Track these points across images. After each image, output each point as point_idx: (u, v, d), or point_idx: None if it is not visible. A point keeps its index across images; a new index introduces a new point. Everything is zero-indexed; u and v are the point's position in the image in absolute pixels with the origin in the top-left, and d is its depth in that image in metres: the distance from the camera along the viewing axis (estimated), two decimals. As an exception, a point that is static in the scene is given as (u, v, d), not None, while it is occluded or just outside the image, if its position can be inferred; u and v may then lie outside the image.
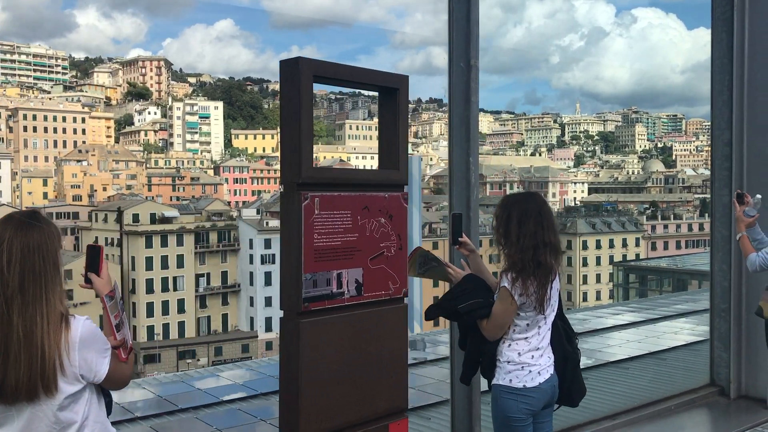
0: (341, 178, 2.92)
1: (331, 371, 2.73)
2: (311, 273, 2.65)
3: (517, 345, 3.11)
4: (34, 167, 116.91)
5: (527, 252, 3.01)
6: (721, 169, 5.74)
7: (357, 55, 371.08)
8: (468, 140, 4.14)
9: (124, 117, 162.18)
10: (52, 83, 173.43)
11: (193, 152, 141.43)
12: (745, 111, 5.53)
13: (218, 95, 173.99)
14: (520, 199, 3.15)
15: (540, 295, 3.03)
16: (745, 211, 4.53)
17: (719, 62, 5.69)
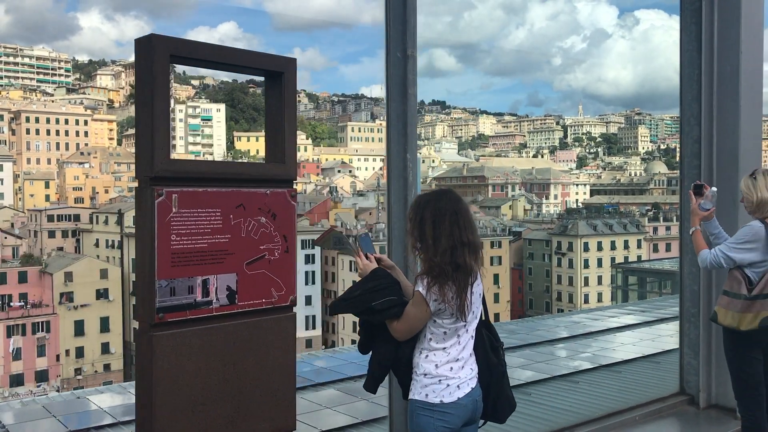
0: (208, 172, 2.56)
1: (196, 391, 2.41)
2: (167, 279, 2.33)
3: (434, 356, 2.86)
4: (37, 169, 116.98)
5: (444, 254, 2.78)
6: (690, 167, 5.40)
7: (360, 57, 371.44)
8: (405, 135, 3.86)
9: (126, 119, 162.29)
10: (55, 86, 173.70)
11: (195, 154, 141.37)
12: (714, 106, 5.17)
13: (220, 97, 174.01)
14: (433, 199, 2.89)
15: (460, 301, 2.78)
16: (701, 204, 4.29)
17: (688, 55, 5.35)
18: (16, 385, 61.46)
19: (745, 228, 4.08)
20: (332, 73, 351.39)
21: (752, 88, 5.05)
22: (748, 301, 4.01)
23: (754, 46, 5.14)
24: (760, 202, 4.04)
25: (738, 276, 4.06)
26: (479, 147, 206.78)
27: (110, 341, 67.42)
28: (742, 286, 4.03)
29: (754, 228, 4.04)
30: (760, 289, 4.00)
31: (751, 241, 4.02)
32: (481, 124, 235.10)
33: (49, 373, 63.90)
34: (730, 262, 4.08)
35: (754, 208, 4.08)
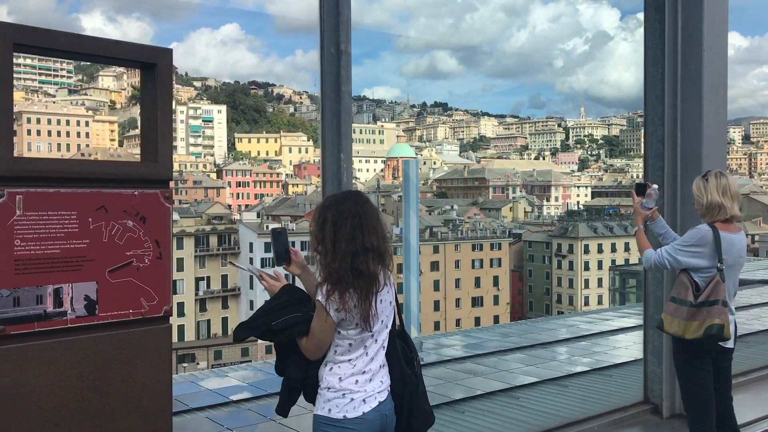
0: (62, 171, 2.35)
1: (49, 411, 2.22)
2: (11, 288, 2.13)
3: (339, 368, 2.69)
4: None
5: (345, 260, 2.60)
6: (654, 168, 5.16)
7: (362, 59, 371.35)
8: (339, 135, 3.65)
9: (128, 120, 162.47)
10: (57, 87, 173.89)
11: (196, 156, 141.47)
12: (678, 107, 4.96)
13: (222, 99, 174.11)
14: (336, 200, 2.72)
15: (364, 309, 2.61)
16: (643, 203, 4.14)
17: (652, 53, 5.12)
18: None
19: (693, 231, 3.90)
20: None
21: (716, 88, 4.83)
22: (693, 309, 3.83)
23: (718, 44, 4.92)
24: (710, 205, 3.87)
25: (685, 281, 3.88)
26: (481, 149, 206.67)
27: (108, 343, 67.48)
28: (689, 292, 3.85)
29: (701, 232, 3.85)
30: (707, 296, 3.81)
31: (697, 245, 3.84)
32: (483, 126, 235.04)
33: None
34: (676, 263, 3.91)
35: (704, 211, 3.92)
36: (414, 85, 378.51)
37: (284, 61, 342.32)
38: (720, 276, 3.81)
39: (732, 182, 3.91)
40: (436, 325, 72.98)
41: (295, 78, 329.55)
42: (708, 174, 3.92)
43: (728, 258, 3.86)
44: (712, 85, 4.85)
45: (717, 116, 4.90)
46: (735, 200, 3.89)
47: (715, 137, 4.89)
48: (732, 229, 3.91)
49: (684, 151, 4.91)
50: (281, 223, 79.34)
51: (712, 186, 3.85)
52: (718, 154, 4.89)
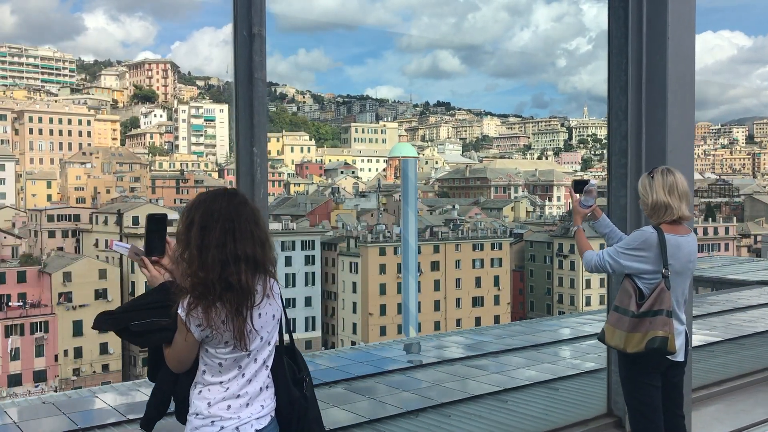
0: None
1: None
2: None
3: (208, 392, 2.37)
4: (39, 169, 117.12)
5: (212, 270, 2.27)
6: (618, 165, 4.81)
7: (365, 58, 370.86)
8: (252, 127, 3.34)
9: (130, 120, 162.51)
10: (60, 86, 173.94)
11: (198, 155, 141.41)
12: (643, 99, 4.55)
13: (224, 98, 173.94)
14: (206, 199, 2.38)
15: (236, 326, 2.29)
16: (581, 201, 3.84)
17: (616, 42, 4.74)
18: (14, 385, 61.45)
19: (636, 233, 3.57)
20: (337, 74, 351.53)
21: (682, 79, 4.46)
22: (635, 319, 3.49)
23: (684, 32, 4.55)
24: (656, 205, 3.56)
25: (629, 289, 3.55)
26: (483, 148, 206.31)
27: (109, 342, 67.26)
28: (631, 301, 3.51)
29: (645, 234, 3.52)
30: (650, 305, 3.46)
31: (640, 248, 3.50)
32: (486, 126, 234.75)
33: (48, 374, 63.85)
34: (618, 267, 3.57)
35: (650, 212, 3.60)
36: (417, 84, 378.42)
37: (287, 61, 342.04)
38: (665, 283, 3.47)
39: (680, 180, 3.58)
40: (437, 325, 72.84)
41: (298, 77, 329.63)
42: (654, 171, 3.62)
43: (675, 263, 3.52)
44: (677, 76, 4.47)
45: (683, 109, 4.53)
46: (683, 199, 3.55)
47: (681, 131, 4.51)
48: (680, 231, 3.57)
49: (649, 146, 4.54)
50: (282, 221, 79.29)
51: (658, 184, 3.54)
52: (685, 149, 4.52)
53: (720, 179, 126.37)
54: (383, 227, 74.80)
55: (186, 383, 2.42)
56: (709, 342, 9.43)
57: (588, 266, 3.72)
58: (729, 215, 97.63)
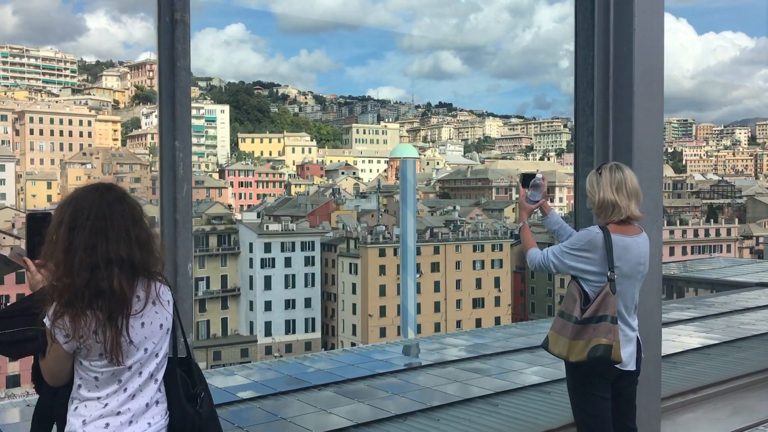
0: None
1: None
2: None
3: (84, 408, 2.13)
4: (40, 170, 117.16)
5: (79, 275, 2.03)
6: (584, 164, 4.50)
7: (367, 59, 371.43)
8: (174, 119, 3.07)
9: (131, 120, 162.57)
10: (61, 86, 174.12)
11: (198, 155, 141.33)
12: (611, 93, 4.22)
13: (225, 99, 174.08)
14: (78, 196, 2.15)
15: (109, 337, 2.04)
16: (528, 195, 3.62)
17: (583, 35, 4.44)
18: (12, 386, 61.32)
19: (582, 233, 3.34)
20: (339, 75, 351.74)
21: (649, 72, 4.15)
22: (578, 326, 3.24)
23: (652, 21, 4.25)
24: (603, 204, 3.33)
25: (574, 292, 3.32)
26: (485, 149, 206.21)
27: (107, 343, 67.33)
28: (576, 306, 3.28)
29: (590, 234, 3.29)
30: (594, 311, 3.22)
31: (585, 249, 3.27)
32: (488, 127, 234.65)
33: (46, 375, 63.76)
34: (562, 267, 3.33)
35: (597, 210, 3.37)
36: (418, 85, 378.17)
37: (289, 62, 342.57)
38: (610, 287, 3.23)
39: (630, 177, 3.34)
40: (437, 326, 72.64)
41: (299, 78, 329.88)
42: (602, 167, 3.39)
43: (623, 266, 3.28)
44: (644, 68, 4.15)
45: (651, 104, 4.21)
46: (633, 198, 3.31)
47: (649, 127, 4.18)
48: (629, 231, 3.34)
49: (616, 143, 4.23)
50: (282, 222, 79.16)
51: (606, 181, 3.31)
52: (652, 146, 4.17)
53: (722, 180, 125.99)
54: (383, 228, 74.60)
55: (65, 397, 2.17)
56: (686, 349, 9.19)
57: (531, 265, 3.48)
58: (731, 216, 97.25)
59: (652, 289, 3.63)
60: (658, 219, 3.51)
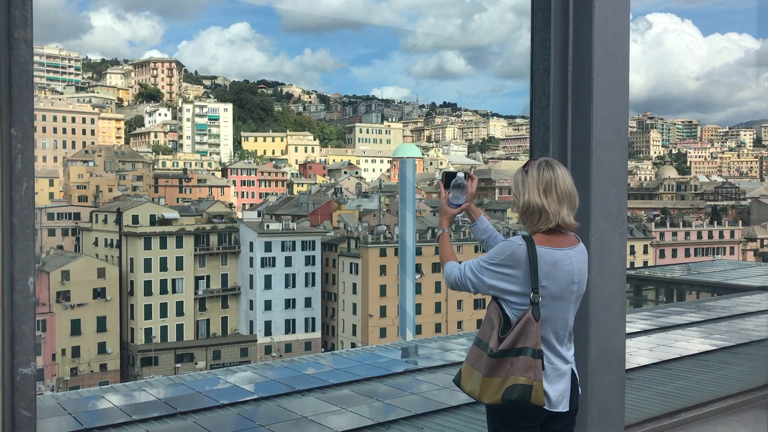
0: None
1: None
2: None
3: None
4: (43, 167, 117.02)
5: None
6: None
7: (371, 59, 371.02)
8: (10, 102, 2.51)
9: (135, 118, 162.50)
10: (65, 84, 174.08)
11: (201, 154, 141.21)
12: (569, 82, 3.47)
13: (228, 97, 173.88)
14: None
15: None
16: (449, 198, 3.01)
17: (540, 16, 3.61)
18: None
19: (503, 244, 2.71)
20: (343, 74, 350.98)
21: (611, 57, 3.42)
22: (494, 360, 2.63)
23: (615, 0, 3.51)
24: (527, 209, 2.72)
25: (493, 317, 2.70)
26: (489, 149, 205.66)
27: (107, 341, 67.00)
28: (494, 334, 2.67)
29: (511, 247, 2.66)
30: (512, 341, 2.62)
31: (505, 264, 2.66)
32: (492, 127, 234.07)
33: (45, 373, 63.45)
34: (481, 286, 2.71)
35: (522, 217, 2.76)
36: (423, 85, 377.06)
37: (293, 61, 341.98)
38: (533, 312, 2.61)
39: (562, 176, 2.71)
40: (437, 327, 72.25)
41: (304, 77, 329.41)
42: (530, 164, 2.77)
43: (551, 285, 2.65)
44: (607, 52, 3.39)
45: (614, 93, 3.45)
46: (564, 202, 2.69)
47: (612, 120, 3.44)
48: (559, 242, 2.70)
49: (575, 139, 3.48)
50: (283, 221, 78.82)
51: (532, 181, 2.70)
52: (615, 142, 3.43)
53: (726, 182, 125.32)
54: (384, 228, 74.20)
55: None
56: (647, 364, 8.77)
57: (447, 282, 2.85)
58: (735, 219, 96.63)
59: (614, 305, 3.15)
60: (622, 225, 3.01)
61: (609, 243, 3.03)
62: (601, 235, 2.98)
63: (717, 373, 7.24)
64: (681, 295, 36.15)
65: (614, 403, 3.04)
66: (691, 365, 8.19)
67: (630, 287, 43.26)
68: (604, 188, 2.99)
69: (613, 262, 3.04)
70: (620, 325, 3.07)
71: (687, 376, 7.47)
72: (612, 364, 3.05)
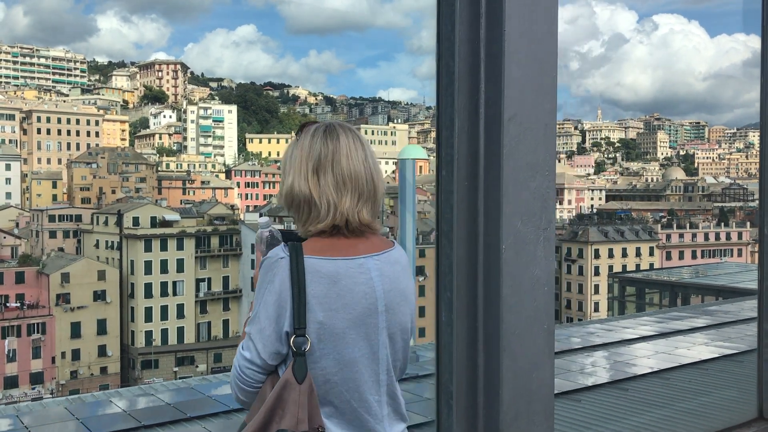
0: None
1: None
2: None
3: None
4: (47, 169, 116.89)
5: None
6: (446, 146, 2.38)
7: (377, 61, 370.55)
8: None
9: (140, 120, 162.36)
10: (71, 86, 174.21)
11: (205, 156, 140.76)
12: (482, 28, 2.24)
13: (233, 99, 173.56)
14: None
15: None
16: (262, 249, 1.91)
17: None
18: (10, 387, 60.70)
19: (263, 265, 1.71)
20: (349, 76, 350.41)
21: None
22: None
23: None
24: (290, 196, 1.76)
25: (266, 386, 1.74)
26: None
27: (107, 344, 66.51)
28: (266, 389, 1.65)
29: (270, 259, 1.69)
30: (260, 425, 1.61)
31: (274, 294, 1.66)
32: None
33: (45, 376, 63.07)
34: (263, 351, 1.67)
35: (287, 209, 1.77)
36: (429, 87, 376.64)
37: (299, 63, 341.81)
38: (293, 369, 1.62)
39: (350, 148, 1.77)
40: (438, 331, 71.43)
41: (309, 79, 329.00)
42: (306, 128, 1.82)
43: (332, 318, 1.66)
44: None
45: (534, 47, 2.27)
46: (349, 189, 1.75)
47: (530, 86, 2.25)
48: (346, 249, 1.73)
49: (487, 113, 2.23)
50: (285, 223, 78.27)
51: (301, 155, 1.76)
52: (537, 117, 2.24)
53: (734, 183, 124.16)
54: (387, 230, 73.50)
55: None
56: None
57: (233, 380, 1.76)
58: (743, 220, 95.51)
59: (537, 334, 2.29)
60: (548, 227, 2.14)
61: (529, 251, 2.18)
62: (516, 239, 2.12)
63: (700, 399, 6.47)
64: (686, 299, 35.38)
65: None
66: (663, 392, 7.53)
67: (633, 290, 42.51)
68: (521, 177, 2.15)
69: (536, 276, 2.21)
70: (546, 360, 2.25)
71: (662, 403, 6.78)
72: (535, 414, 2.25)
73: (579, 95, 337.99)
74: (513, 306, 2.15)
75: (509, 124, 2.15)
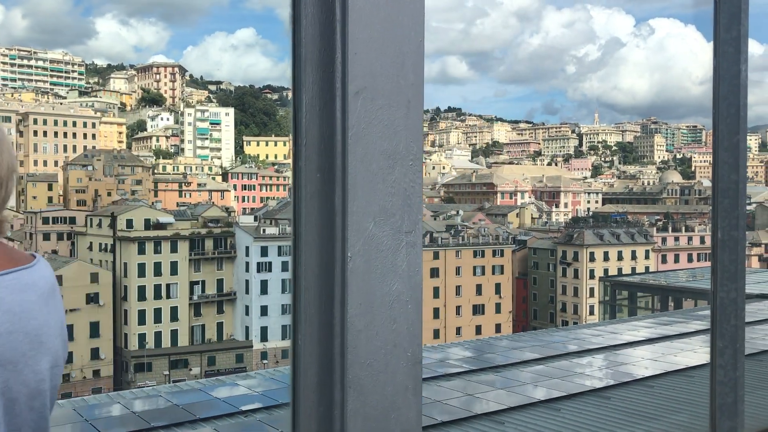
0: None
1: None
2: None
3: None
4: (43, 171, 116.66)
5: None
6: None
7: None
8: None
9: (137, 123, 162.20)
10: (68, 89, 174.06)
11: (202, 158, 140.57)
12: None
13: (231, 102, 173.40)
14: None
15: None
16: None
17: None
18: None
19: None
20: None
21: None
22: None
23: None
24: None
25: None
26: (493, 154, 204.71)
27: (100, 347, 66.14)
28: None
29: None
30: None
31: None
32: (496, 132, 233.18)
33: (37, 378, 62.62)
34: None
35: None
36: (426, 90, 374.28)
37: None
38: None
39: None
40: (436, 333, 71.19)
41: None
42: None
43: None
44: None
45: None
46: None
47: (387, 54, 1.39)
48: None
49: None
50: (280, 226, 77.88)
51: None
52: (395, 93, 1.38)
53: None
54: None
55: None
56: None
57: None
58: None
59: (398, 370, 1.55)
60: (412, 231, 1.33)
61: (385, 260, 1.18)
62: (367, 245, 1.15)
63: (649, 424, 6.29)
64: (678, 303, 35.06)
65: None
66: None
67: (626, 294, 42.16)
68: (374, 168, 1.29)
69: (395, 291, 1.22)
70: (410, 398, 1.39)
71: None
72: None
73: (576, 99, 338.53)
74: (362, 330, 1.48)
75: (356, 100, 1.42)
